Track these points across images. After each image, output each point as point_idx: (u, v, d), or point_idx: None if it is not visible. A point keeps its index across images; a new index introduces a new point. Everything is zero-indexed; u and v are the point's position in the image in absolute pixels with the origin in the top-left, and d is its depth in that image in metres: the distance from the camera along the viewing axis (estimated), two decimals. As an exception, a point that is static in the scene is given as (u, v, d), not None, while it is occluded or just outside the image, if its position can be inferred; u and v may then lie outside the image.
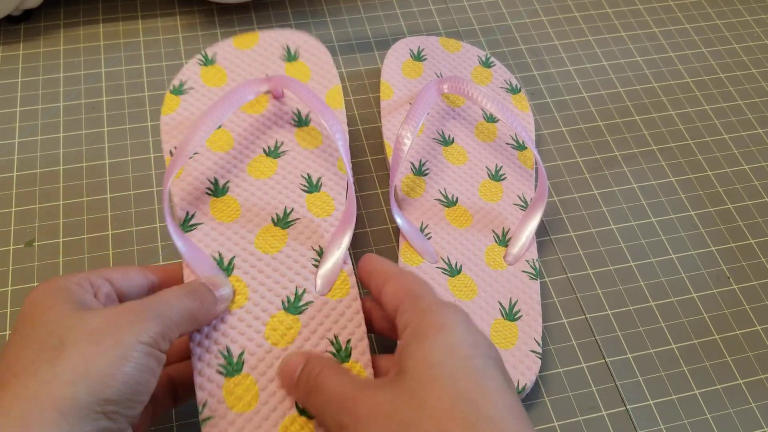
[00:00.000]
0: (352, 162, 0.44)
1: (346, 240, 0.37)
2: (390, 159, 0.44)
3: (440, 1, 0.57)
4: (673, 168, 0.49)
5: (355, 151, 0.47)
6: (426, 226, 0.42)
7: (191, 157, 0.39)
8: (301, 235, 0.38)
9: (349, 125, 0.48)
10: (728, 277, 0.44)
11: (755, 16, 0.59)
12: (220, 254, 0.36)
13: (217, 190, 0.38)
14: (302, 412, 0.33)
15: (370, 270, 0.34)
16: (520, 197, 0.44)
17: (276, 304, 0.35)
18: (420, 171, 0.45)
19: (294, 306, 0.35)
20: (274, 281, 0.36)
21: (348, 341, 0.35)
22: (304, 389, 0.31)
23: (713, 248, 0.45)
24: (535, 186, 0.45)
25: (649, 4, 0.59)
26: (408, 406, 0.26)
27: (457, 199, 0.44)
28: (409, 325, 0.29)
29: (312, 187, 0.40)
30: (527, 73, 0.53)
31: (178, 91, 0.42)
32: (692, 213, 0.47)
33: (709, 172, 0.49)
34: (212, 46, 0.44)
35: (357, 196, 0.45)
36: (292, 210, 0.38)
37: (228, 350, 0.33)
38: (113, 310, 0.29)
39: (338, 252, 0.37)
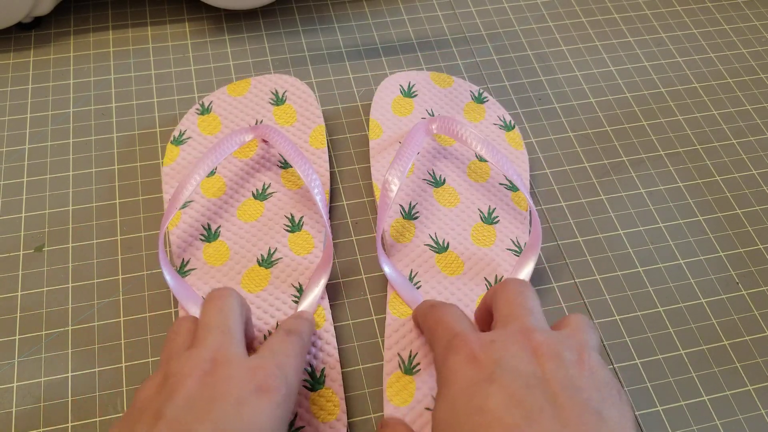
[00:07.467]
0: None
1: (324, 278, 0.40)
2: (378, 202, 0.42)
3: (447, 7, 0.57)
4: (681, 173, 0.49)
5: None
6: (415, 274, 0.41)
7: (187, 205, 0.42)
8: (283, 273, 0.40)
9: (353, 131, 0.49)
10: (737, 283, 0.44)
11: (763, 21, 0.59)
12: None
13: (209, 235, 0.41)
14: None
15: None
16: (513, 241, 0.43)
17: (259, 339, 0.38)
18: (410, 214, 0.43)
19: None
20: (257, 318, 0.38)
21: (322, 370, 0.37)
22: None
23: (722, 253, 0.45)
24: (530, 231, 0.44)
25: (656, 9, 0.59)
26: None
27: (448, 244, 0.42)
28: None
29: (294, 226, 0.42)
30: (534, 79, 0.53)
31: (178, 141, 0.45)
32: (701, 218, 0.46)
33: (718, 177, 0.49)
34: (209, 95, 0.48)
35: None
36: (276, 250, 0.41)
37: None
38: (252, 366, 0.30)
39: (317, 289, 0.39)
